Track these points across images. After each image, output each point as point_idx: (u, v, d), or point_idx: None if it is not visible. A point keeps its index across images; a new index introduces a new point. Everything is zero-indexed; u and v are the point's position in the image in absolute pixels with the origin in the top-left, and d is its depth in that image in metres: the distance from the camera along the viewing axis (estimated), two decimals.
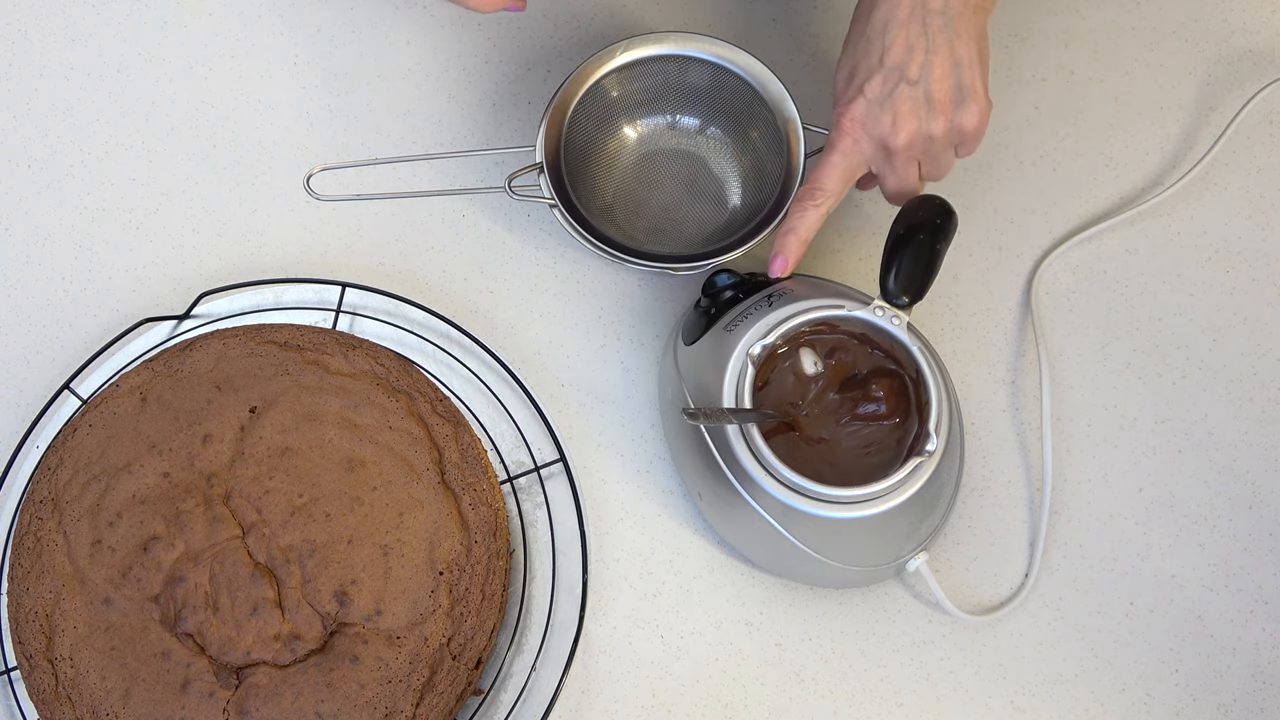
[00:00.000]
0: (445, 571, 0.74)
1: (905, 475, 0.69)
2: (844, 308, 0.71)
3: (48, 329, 0.83)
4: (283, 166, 0.87)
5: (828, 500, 0.69)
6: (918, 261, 0.71)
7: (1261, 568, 0.77)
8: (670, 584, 0.77)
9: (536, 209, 0.85)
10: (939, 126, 0.69)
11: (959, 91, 0.69)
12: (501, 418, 0.80)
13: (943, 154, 0.71)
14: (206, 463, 0.76)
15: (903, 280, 0.71)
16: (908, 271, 0.71)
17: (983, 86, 0.69)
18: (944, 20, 0.68)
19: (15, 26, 0.90)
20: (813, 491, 0.69)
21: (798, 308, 0.72)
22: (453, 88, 0.88)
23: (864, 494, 0.69)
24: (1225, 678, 0.75)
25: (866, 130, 0.71)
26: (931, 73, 0.68)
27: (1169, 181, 0.85)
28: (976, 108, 0.69)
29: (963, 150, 0.72)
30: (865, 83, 0.70)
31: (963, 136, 0.70)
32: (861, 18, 0.71)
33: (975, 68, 0.69)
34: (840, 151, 0.72)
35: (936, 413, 0.69)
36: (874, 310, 0.71)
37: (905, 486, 0.70)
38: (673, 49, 0.80)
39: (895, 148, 0.70)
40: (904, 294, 0.71)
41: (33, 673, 0.73)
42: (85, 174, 0.87)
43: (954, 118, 0.69)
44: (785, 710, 0.75)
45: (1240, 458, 0.79)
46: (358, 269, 0.84)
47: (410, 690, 0.71)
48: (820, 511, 0.70)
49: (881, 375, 0.72)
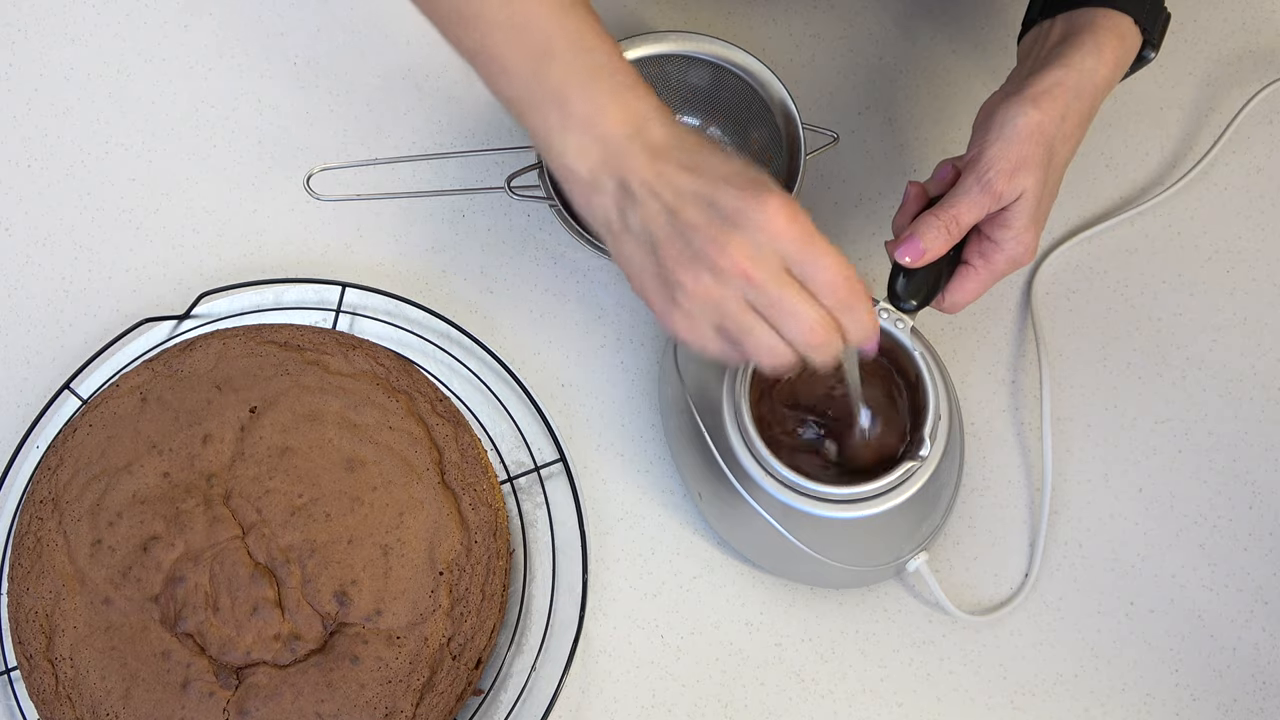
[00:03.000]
0: (445, 571, 0.74)
1: (899, 477, 0.69)
2: None
3: (48, 329, 0.83)
4: (283, 166, 0.87)
5: (826, 500, 0.69)
6: (931, 266, 0.69)
7: (1261, 568, 0.77)
8: (670, 584, 0.77)
9: (536, 209, 0.85)
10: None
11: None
12: (501, 418, 0.80)
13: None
14: (206, 463, 0.76)
15: (914, 285, 0.69)
16: (920, 276, 0.69)
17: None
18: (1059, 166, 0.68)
19: (15, 26, 0.90)
20: (812, 490, 0.69)
21: None
22: (453, 88, 0.88)
23: (862, 492, 0.69)
24: (1225, 678, 0.75)
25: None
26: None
27: (1169, 181, 0.85)
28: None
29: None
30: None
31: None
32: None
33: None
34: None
35: (932, 419, 0.69)
36: (879, 313, 0.70)
37: (903, 488, 0.70)
38: (673, 49, 0.80)
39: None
40: (913, 298, 0.69)
41: (33, 673, 0.73)
42: (85, 174, 0.87)
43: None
44: (785, 710, 0.75)
45: (1240, 458, 0.79)
46: (358, 269, 0.84)
47: (410, 690, 0.71)
48: (819, 511, 0.70)
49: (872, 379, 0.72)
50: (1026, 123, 0.65)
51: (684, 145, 0.60)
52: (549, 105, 0.61)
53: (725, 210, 0.58)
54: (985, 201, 0.66)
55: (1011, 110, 0.66)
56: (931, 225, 0.67)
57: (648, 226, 0.60)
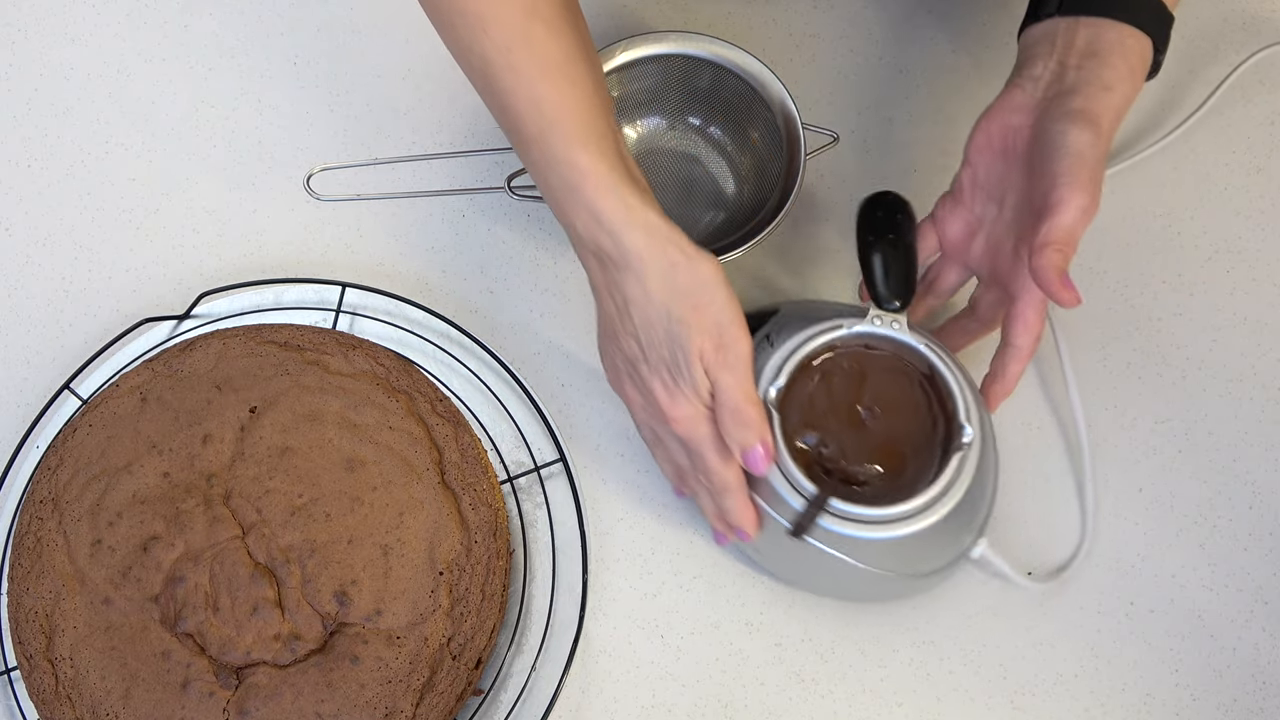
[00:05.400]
0: (445, 571, 0.74)
1: (952, 472, 0.68)
2: (842, 326, 0.70)
3: (48, 329, 0.83)
4: (283, 166, 0.87)
5: (892, 520, 0.68)
6: (895, 261, 0.70)
7: (1261, 568, 0.77)
8: (670, 584, 0.77)
9: (536, 209, 0.85)
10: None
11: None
12: (501, 418, 0.80)
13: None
14: (206, 463, 0.76)
15: (891, 284, 0.70)
16: (890, 274, 0.70)
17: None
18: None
19: (15, 26, 0.90)
20: (877, 516, 0.67)
21: (798, 340, 0.71)
22: (453, 88, 0.88)
23: (921, 504, 0.67)
24: (1225, 678, 0.75)
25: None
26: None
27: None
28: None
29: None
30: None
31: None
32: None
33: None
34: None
35: (962, 402, 0.69)
36: (872, 321, 0.70)
37: (959, 481, 0.68)
38: (673, 49, 0.80)
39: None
40: (895, 298, 0.70)
41: (33, 673, 0.73)
42: (85, 174, 0.87)
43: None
44: (785, 710, 0.75)
45: (1240, 458, 0.79)
46: (358, 269, 0.84)
47: (410, 690, 0.71)
48: (884, 534, 0.68)
49: (891, 376, 0.72)
50: (1095, 150, 0.65)
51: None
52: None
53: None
54: (1088, 219, 0.66)
55: (1075, 133, 0.66)
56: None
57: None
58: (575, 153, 0.63)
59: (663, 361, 0.66)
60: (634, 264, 0.63)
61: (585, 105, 0.64)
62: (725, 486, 0.69)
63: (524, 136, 0.64)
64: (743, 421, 0.66)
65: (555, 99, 0.63)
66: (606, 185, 0.63)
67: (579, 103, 0.64)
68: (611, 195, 0.63)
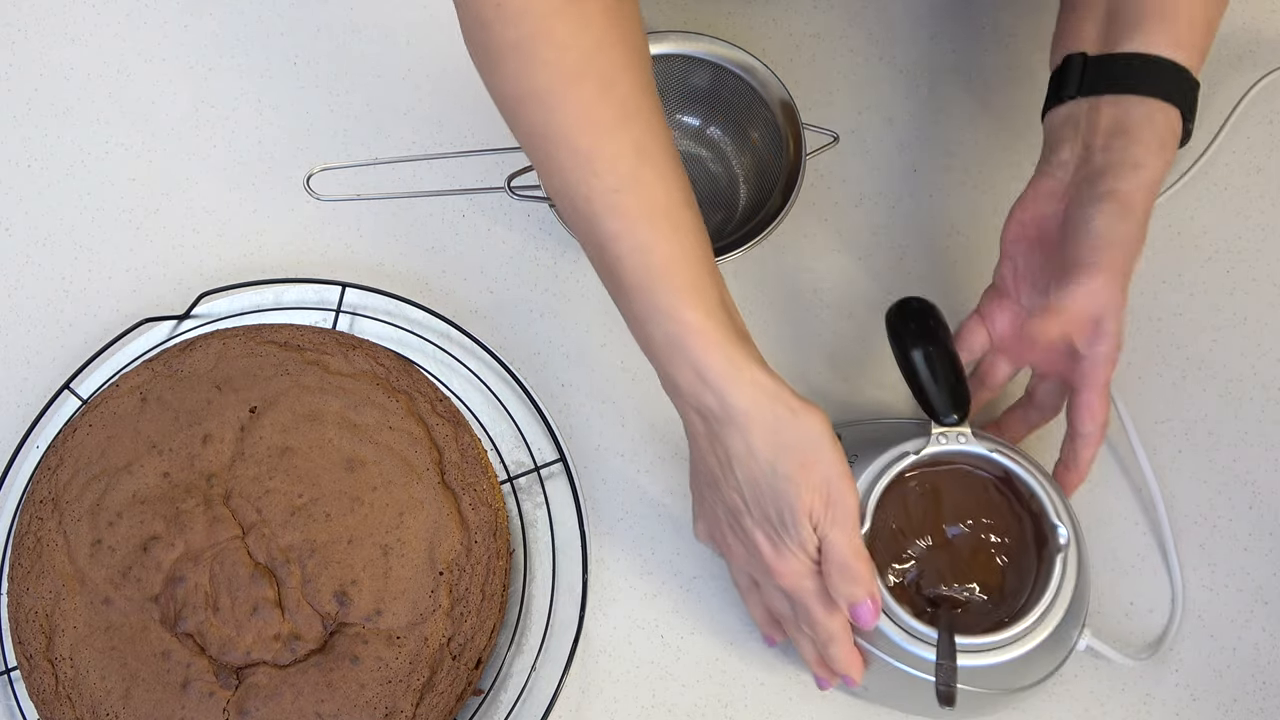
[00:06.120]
0: (445, 571, 0.74)
1: (1059, 576, 0.66)
2: (908, 454, 0.69)
3: (48, 329, 0.83)
4: (283, 166, 0.87)
5: (1002, 645, 0.66)
6: (942, 372, 0.68)
7: (1261, 568, 0.77)
8: (670, 584, 0.77)
9: (536, 209, 0.85)
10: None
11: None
12: (501, 418, 0.80)
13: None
14: (206, 463, 0.76)
15: (944, 397, 0.68)
16: (941, 386, 0.68)
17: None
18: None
19: (15, 26, 0.90)
20: (990, 644, 0.66)
21: (869, 478, 0.69)
22: (453, 88, 0.88)
23: (1035, 619, 0.66)
24: (1225, 678, 0.75)
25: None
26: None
27: (1169, 181, 0.85)
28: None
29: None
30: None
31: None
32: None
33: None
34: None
35: (1050, 503, 0.67)
36: (937, 440, 0.68)
37: (1065, 583, 0.67)
38: (673, 49, 0.80)
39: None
40: (953, 410, 0.68)
41: (33, 673, 0.73)
42: (85, 174, 0.87)
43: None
44: (785, 710, 0.75)
45: (1240, 458, 0.79)
46: (358, 269, 0.84)
47: (410, 690, 0.71)
48: (997, 659, 0.66)
49: (969, 490, 0.70)
50: (1121, 231, 0.65)
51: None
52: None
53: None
54: (1105, 303, 0.67)
55: (1101, 216, 0.66)
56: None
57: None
58: (682, 308, 0.61)
59: (766, 517, 0.64)
60: (739, 420, 0.61)
61: (692, 255, 0.61)
62: (831, 637, 0.67)
63: (624, 284, 0.62)
64: (851, 578, 0.64)
65: (663, 249, 0.61)
66: (713, 342, 0.61)
67: (686, 252, 0.61)
68: (718, 352, 0.61)
